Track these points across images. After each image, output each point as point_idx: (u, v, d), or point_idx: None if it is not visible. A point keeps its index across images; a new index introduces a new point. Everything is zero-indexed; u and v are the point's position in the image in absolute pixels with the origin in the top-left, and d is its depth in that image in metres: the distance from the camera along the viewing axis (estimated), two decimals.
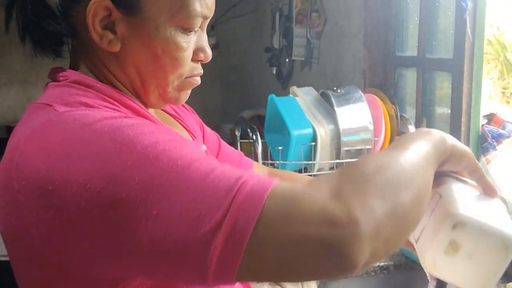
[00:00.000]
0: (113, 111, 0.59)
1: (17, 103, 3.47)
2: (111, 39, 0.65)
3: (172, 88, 0.70)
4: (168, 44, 0.65)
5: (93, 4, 0.62)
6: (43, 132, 0.56)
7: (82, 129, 0.54)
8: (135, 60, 0.67)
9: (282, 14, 2.82)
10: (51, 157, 0.53)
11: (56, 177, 0.52)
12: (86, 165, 0.51)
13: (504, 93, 3.36)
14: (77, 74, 0.66)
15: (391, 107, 1.65)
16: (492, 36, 3.12)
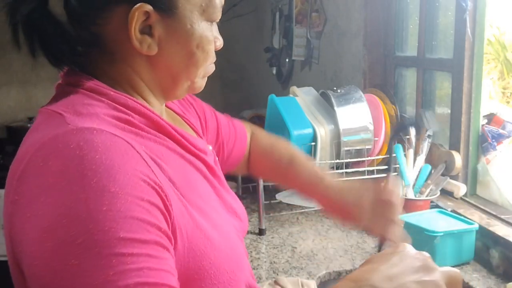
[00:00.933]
0: (121, 139, 0.58)
1: (17, 103, 3.47)
2: (150, 43, 0.65)
3: (199, 78, 0.72)
4: (202, 39, 0.68)
5: (135, 11, 0.62)
6: (48, 153, 0.56)
7: (75, 167, 0.53)
8: (169, 59, 0.68)
9: (282, 14, 2.82)
10: (43, 184, 0.54)
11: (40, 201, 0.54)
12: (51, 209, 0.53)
13: (504, 93, 3.36)
14: (93, 81, 0.65)
15: (391, 107, 1.65)
16: (492, 36, 3.12)
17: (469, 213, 1.37)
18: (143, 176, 0.56)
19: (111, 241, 0.51)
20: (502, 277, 1.20)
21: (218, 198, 0.74)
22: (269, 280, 1.20)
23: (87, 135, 0.56)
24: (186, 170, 0.69)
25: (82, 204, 0.52)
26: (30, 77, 3.45)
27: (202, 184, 0.71)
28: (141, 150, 0.59)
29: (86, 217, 0.51)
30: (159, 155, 0.64)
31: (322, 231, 1.52)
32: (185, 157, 0.70)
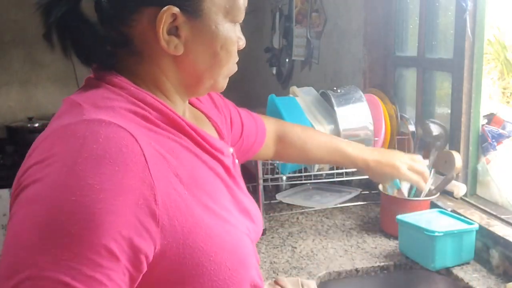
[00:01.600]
0: (127, 132, 0.60)
1: (17, 103, 3.47)
2: (177, 43, 0.68)
3: (221, 78, 0.75)
4: (226, 40, 0.71)
5: (163, 13, 0.65)
6: (55, 140, 0.59)
7: (74, 159, 0.56)
8: (194, 60, 0.70)
9: (282, 14, 2.82)
10: (41, 173, 0.57)
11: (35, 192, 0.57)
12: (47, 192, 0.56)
13: (504, 93, 3.36)
14: (117, 77, 0.68)
15: (391, 107, 1.65)
16: (492, 36, 3.12)
17: (469, 213, 1.37)
18: (132, 175, 0.57)
19: (60, 232, 0.53)
20: (502, 277, 1.20)
21: (231, 198, 0.75)
22: (269, 280, 1.20)
23: (95, 127, 0.58)
24: (197, 168, 0.69)
25: (59, 188, 0.55)
26: (30, 77, 3.45)
27: (213, 183, 0.72)
28: (147, 145, 0.60)
29: (55, 201, 0.54)
30: (170, 150, 0.65)
31: (322, 231, 1.52)
32: (198, 155, 0.71)
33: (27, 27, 3.25)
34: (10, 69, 3.41)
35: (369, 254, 1.35)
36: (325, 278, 1.28)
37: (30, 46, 3.31)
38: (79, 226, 0.53)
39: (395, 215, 1.43)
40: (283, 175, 1.64)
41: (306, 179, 1.67)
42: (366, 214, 1.64)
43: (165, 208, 0.59)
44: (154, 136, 0.64)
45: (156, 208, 0.58)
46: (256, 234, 0.81)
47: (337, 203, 1.67)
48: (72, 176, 0.55)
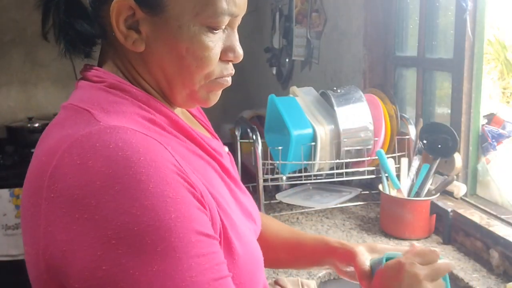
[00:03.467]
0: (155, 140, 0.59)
1: (17, 103, 3.46)
2: (136, 38, 0.64)
3: (199, 88, 0.69)
4: (193, 44, 0.64)
5: (116, 4, 0.62)
6: (84, 150, 0.55)
7: (124, 170, 0.54)
8: (160, 60, 0.66)
9: (282, 14, 2.82)
10: (88, 186, 0.53)
11: (90, 205, 0.53)
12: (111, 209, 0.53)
13: (504, 93, 3.36)
14: (113, 77, 0.66)
15: (391, 107, 1.65)
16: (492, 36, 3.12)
17: (469, 213, 1.37)
18: (181, 180, 0.57)
19: (187, 246, 0.54)
20: (502, 277, 1.20)
21: (234, 201, 0.74)
22: (269, 280, 1.20)
23: (123, 135, 0.56)
24: (208, 172, 0.68)
25: (151, 212, 0.53)
26: (30, 77, 3.45)
27: (222, 186, 0.71)
28: (171, 151, 0.60)
29: (160, 225, 0.53)
30: (182, 156, 0.63)
31: (322, 231, 1.52)
32: (204, 158, 0.70)
33: (27, 27, 3.25)
34: (10, 69, 3.41)
35: None
36: (325, 278, 1.28)
37: (30, 46, 3.31)
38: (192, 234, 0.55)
39: (395, 215, 1.44)
40: (283, 175, 1.64)
41: (306, 179, 1.67)
42: (366, 214, 1.64)
43: (208, 206, 0.61)
44: (166, 140, 0.62)
45: (207, 209, 0.60)
46: (256, 235, 0.80)
47: (337, 203, 1.67)
48: (152, 197, 0.53)
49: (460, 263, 1.28)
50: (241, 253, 0.65)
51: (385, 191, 1.50)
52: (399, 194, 1.48)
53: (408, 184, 1.51)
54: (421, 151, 1.54)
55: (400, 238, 1.43)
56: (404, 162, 1.54)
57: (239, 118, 1.92)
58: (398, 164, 1.56)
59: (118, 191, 0.52)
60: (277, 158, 1.58)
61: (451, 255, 1.32)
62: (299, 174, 1.66)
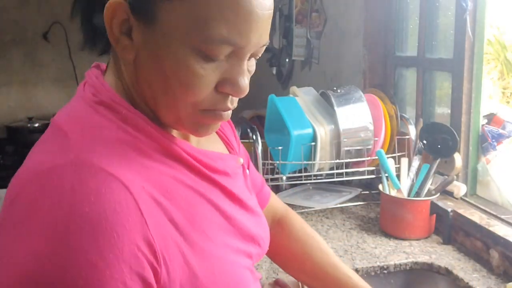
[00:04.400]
0: (119, 183, 0.55)
1: (17, 103, 3.47)
2: (125, 45, 0.59)
3: (185, 116, 0.61)
4: (178, 66, 0.57)
5: (109, 5, 0.57)
6: (40, 188, 0.54)
7: (62, 218, 0.52)
8: (147, 74, 0.60)
9: (282, 14, 2.82)
10: (26, 221, 0.53)
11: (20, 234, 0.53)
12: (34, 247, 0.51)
13: (504, 93, 3.36)
14: (106, 92, 0.62)
15: (391, 107, 1.65)
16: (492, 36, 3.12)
17: (469, 213, 1.37)
18: (132, 236, 0.53)
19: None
20: (502, 277, 1.20)
21: (231, 227, 0.68)
22: (269, 280, 1.20)
23: (84, 175, 0.54)
24: (193, 204, 0.63)
25: (59, 271, 0.50)
26: (30, 77, 3.45)
27: (210, 217, 0.65)
28: (140, 192, 0.56)
29: (62, 282, 0.50)
30: (163, 191, 0.59)
31: (322, 231, 1.52)
32: (194, 187, 0.64)
33: (27, 27, 3.25)
34: (10, 69, 3.41)
35: (369, 254, 1.35)
36: None
37: (30, 46, 3.31)
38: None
39: (395, 215, 1.44)
40: (283, 175, 1.64)
41: (306, 179, 1.67)
42: (366, 214, 1.64)
43: (165, 264, 0.56)
44: (146, 173, 0.58)
45: (158, 266, 0.55)
46: (259, 257, 0.76)
47: (337, 203, 1.67)
48: (72, 255, 0.50)
49: (460, 263, 1.28)
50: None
51: (385, 191, 1.50)
52: (399, 194, 1.48)
53: (408, 184, 1.51)
54: (421, 151, 1.54)
55: (400, 238, 1.43)
56: (404, 162, 1.54)
57: (239, 118, 1.93)
58: (398, 164, 1.56)
59: (47, 236, 0.51)
60: (277, 158, 1.58)
61: (451, 255, 1.32)
62: (299, 174, 1.66)
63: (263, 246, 0.77)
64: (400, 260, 1.31)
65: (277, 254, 0.98)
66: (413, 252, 1.35)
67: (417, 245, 1.39)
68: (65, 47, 3.24)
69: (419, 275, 1.30)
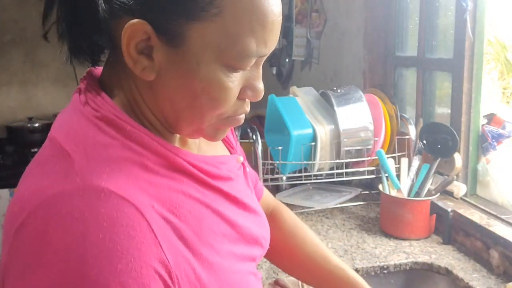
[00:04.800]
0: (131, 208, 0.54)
1: (17, 103, 3.47)
2: (146, 66, 0.58)
3: (208, 126, 0.63)
4: (210, 84, 0.58)
5: (129, 27, 0.55)
6: (49, 216, 0.52)
7: (77, 248, 0.51)
8: (171, 93, 0.59)
9: (282, 14, 2.82)
10: (40, 255, 0.51)
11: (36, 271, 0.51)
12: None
13: (504, 93, 3.36)
14: (108, 107, 0.59)
15: (391, 107, 1.65)
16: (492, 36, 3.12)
17: (469, 213, 1.37)
18: (147, 259, 0.53)
19: None
20: (502, 277, 1.20)
21: (236, 234, 0.68)
22: (269, 280, 1.20)
23: (93, 201, 0.52)
24: (201, 217, 0.63)
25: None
26: (30, 77, 3.45)
27: (216, 228, 0.65)
28: (151, 212, 0.55)
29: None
30: (172, 207, 0.59)
31: (322, 231, 1.52)
32: (201, 200, 0.64)
33: (27, 27, 3.25)
34: (10, 69, 3.41)
35: (369, 254, 1.35)
36: None
37: (30, 46, 3.31)
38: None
39: (395, 215, 1.44)
40: (283, 175, 1.64)
41: (306, 179, 1.67)
42: (366, 214, 1.64)
43: (178, 283, 0.56)
44: (154, 191, 0.58)
45: (172, 286, 0.55)
46: (261, 256, 0.77)
47: (337, 203, 1.67)
48: (86, 280, 0.49)
49: (460, 263, 1.28)
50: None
51: (385, 191, 1.50)
52: (399, 194, 1.48)
53: (408, 184, 1.51)
54: (421, 151, 1.54)
55: (400, 238, 1.43)
56: (404, 162, 1.54)
57: None
58: (398, 164, 1.56)
59: (61, 269, 0.50)
60: (277, 158, 1.58)
61: (451, 255, 1.32)
62: (299, 174, 1.66)
63: (265, 245, 0.77)
64: (400, 260, 1.31)
65: (270, 251, 0.98)
66: (413, 252, 1.35)
67: (417, 245, 1.39)
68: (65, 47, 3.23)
69: (419, 275, 1.30)
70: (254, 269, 0.73)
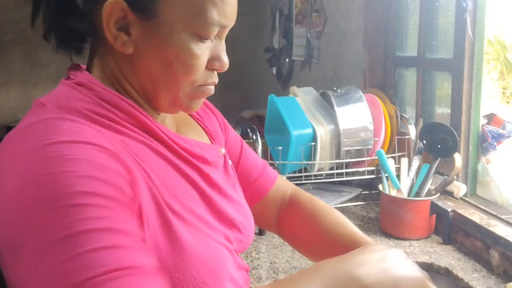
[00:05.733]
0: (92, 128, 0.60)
1: (17, 103, 3.47)
2: (125, 40, 0.65)
3: (183, 94, 0.69)
4: (181, 51, 0.65)
5: (108, 5, 0.63)
6: (18, 138, 0.58)
7: (36, 149, 0.55)
8: (147, 64, 0.67)
9: (282, 14, 2.82)
10: (5, 163, 0.56)
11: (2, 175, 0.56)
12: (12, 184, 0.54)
13: (504, 93, 3.36)
14: (84, 76, 0.67)
15: (391, 107, 1.65)
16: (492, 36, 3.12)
17: (469, 213, 1.37)
18: (106, 150, 0.57)
19: (69, 195, 0.52)
20: (502, 277, 1.20)
21: (207, 207, 0.71)
22: (269, 280, 1.20)
23: (57, 122, 0.58)
24: (167, 173, 0.67)
25: (45, 169, 0.53)
26: (30, 77, 3.45)
27: (184, 189, 0.69)
28: (114, 141, 0.60)
29: (48, 179, 0.52)
30: (138, 153, 0.64)
31: None
32: (170, 159, 0.69)
33: (27, 27, 3.24)
34: (10, 69, 3.41)
35: None
36: None
37: (30, 46, 3.31)
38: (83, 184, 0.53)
39: (395, 215, 1.44)
40: (283, 175, 1.64)
41: (306, 179, 1.67)
42: (366, 214, 1.64)
43: (139, 195, 0.59)
44: (121, 137, 0.63)
45: (137, 190, 0.58)
46: (242, 244, 0.77)
47: (337, 203, 1.67)
48: (52, 160, 0.53)
49: (460, 263, 1.28)
50: (190, 257, 0.63)
51: (385, 191, 1.50)
52: (399, 194, 1.48)
53: (408, 184, 1.51)
54: (421, 151, 1.54)
55: (400, 238, 1.43)
56: (404, 162, 1.54)
57: (239, 118, 1.93)
58: (398, 164, 1.56)
59: (27, 160, 0.54)
60: (277, 158, 1.58)
61: (451, 255, 1.32)
62: (299, 174, 1.66)
63: (245, 232, 0.77)
64: None
65: (292, 237, 0.97)
66: (413, 252, 1.35)
67: (417, 245, 1.39)
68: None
69: None
70: (230, 247, 0.73)
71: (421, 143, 1.53)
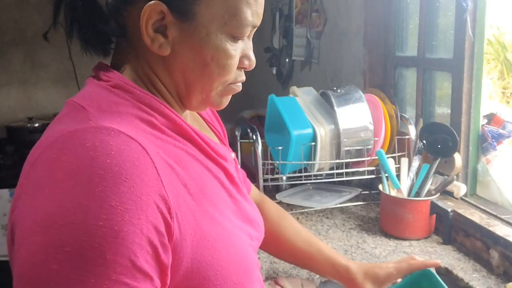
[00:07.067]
0: (138, 145, 0.59)
1: (17, 103, 3.47)
2: (162, 42, 0.66)
3: (215, 93, 0.71)
4: (218, 52, 0.67)
5: (148, 8, 0.63)
6: (63, 146, 0.57)
7: (84, 169, 0.54)
8: (183, 65, 0.68)
9: (282, 14, 2.82)
10: (50, 177, 0.55)
11: (44, 193, 0.55)
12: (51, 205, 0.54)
13: (504, 93, 3.36)
14: (119, 77, 0.67)
15: (391, 107, 1.65)
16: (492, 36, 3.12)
17: (469, 213, 1.37)
18: (148, 190, 0.56)
19: (95, 260, 0.51)
20: (502, 277, 1.20)
21: (234, 206, 0.73)
22: (269, 280, 1.20)
23: (104, 136, 0.57)
24: (203, 177, 0.68)
25: (81, 212, 0.52)
26: (30, 77, 3.45)
27: (218, 192, 0.70)
28: (156, 155, 0.59)
29: (81, 227, 0.51)
30: (177, 159, 0.64)
31: (322, 231, 1.52)
32: (203, 163, 0.70)
33: (27, 27, 3.25)
34: (10, 69, 3.41)
35: (369, 254, 1.35)
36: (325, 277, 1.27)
37: (30, 46, 3.31)
38: (110, 251, 0.51)
39: (395, 215, 1.44)
40: (283, 175, 1.64)
41: (306, 179, 1.67)
42: (366, 214, 1.64)
43: (177, 222, 0.59)
44: (160, 144, 0.63)
45: (171, 222, 0.58)
46: (258, 242, 0.80)
47: (337, 203, 1.67)
48: (93, 199, 0.52)
49: (460, 263, 1.28)
50: (228, 262, 0.65)
51: (385, 191, 1.50)
52: (399, 194, 1.48)
53: (408, 184, 1.51)
54: (421, 151, 1.54)
55: (400, 238, 1.43)
56: (404, 162, 1.54)
57: (239, 118, 1.92)
58: (398, 164, 1.56)
59: (69, 185, 0.53)
60: (277, 158, 1.58)
61: (451, 255, 1.32)
62: (299, 174, 1.66)
63: (260, 231, 0.81)
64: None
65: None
66: (413, 252, 1.35)
67: (417, 245, 1.39)
68: (65, 47, 3.24)
69: None
70: (253, 245, 0.75)
71: (421, 143, 1.53)
